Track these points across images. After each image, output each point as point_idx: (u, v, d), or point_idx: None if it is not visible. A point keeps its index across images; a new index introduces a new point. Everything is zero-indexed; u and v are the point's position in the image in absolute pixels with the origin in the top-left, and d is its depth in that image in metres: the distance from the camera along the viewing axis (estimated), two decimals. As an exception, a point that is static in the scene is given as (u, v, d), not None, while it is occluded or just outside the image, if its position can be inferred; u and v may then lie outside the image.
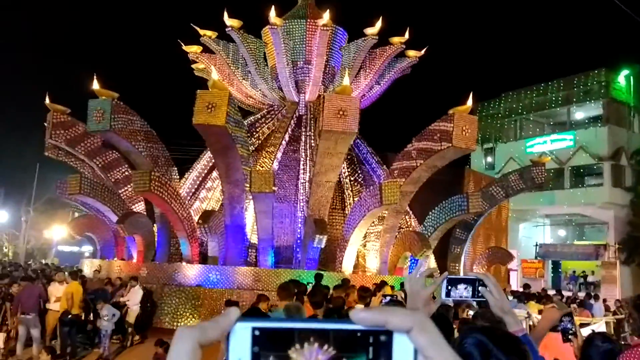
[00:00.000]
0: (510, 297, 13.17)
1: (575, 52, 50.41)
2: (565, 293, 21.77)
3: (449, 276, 2.36)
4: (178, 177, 17.55)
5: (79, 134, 16.38)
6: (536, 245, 31.27)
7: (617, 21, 53.96)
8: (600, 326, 11.97)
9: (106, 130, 14.24)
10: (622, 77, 30.62)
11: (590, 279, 28.88)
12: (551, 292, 20.14)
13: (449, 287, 2.30)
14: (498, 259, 21.38)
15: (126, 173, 17.04)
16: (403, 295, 9.77)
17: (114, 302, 12.41)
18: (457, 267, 19.00)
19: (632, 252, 26.32)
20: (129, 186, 16.42)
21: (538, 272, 29.80)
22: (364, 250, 17.16)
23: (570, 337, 6.23)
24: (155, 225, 16.75)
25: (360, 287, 9.48)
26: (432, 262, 18.23)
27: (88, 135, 16.29)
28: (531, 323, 9.59)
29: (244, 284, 14.02)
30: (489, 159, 34.25)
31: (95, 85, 14.47)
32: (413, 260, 16.59)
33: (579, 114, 31.94)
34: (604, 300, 18.30)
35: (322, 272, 12.77)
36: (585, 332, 10.46)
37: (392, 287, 12.05)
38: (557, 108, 31.86)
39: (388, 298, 8.48)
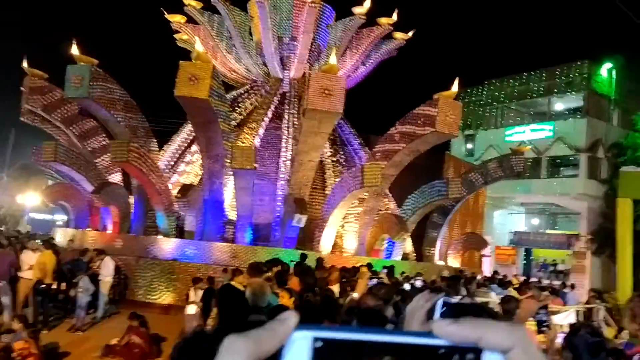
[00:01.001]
0: (494, 285, 13.34)
1: (559, 42, 50.68)
2: (536, 281, 22.18)
3: (444, 299, 2.32)
4: (157, 149, 17.26)
5: (56, 100, 15.96)
6: (511, 232, 31.73)
7: (601, 13, 54.36)
8: (569, 315, 12.23)
9: (84, 97, 13.88)
10: (605, 70, 30.91)
11: (560, 267, 29.48)
12: (523, 279, 20.49)
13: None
14: (473, 245, 21.63)
15: (103, 142, 16.72)
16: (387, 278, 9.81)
17: (90, 273, 12.21)
18: (432, 251, 19.19)
19: (603, 243, 26.84)
20: (105, 156, 16.11)
21: (511, 259, 30.32)
22: (343, 231, 17.17)
23: (544, 328, 6.33)
24: (131, 196, 16.50)
25: (342, 268, 9.48)
26: (408, 246, 18.38)
27: (65, 102, 15.88)
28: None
29: (220, 260, 13.92)
30: (469, 146, 34.46)
31: (75, 50, 14.05)
32: (390, 243, 16.68)
33: (559, 105, 32.22)
34: (572, 287, 18.69)
35: (306, 253, 12.73)
36: (556, 319, 10.66)
37: (370, 266, 12.02)
38: (539, 98, 32.09)
39: (375, 280, 8.48)
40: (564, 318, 11.29)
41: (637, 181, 16.92)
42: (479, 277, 16.58)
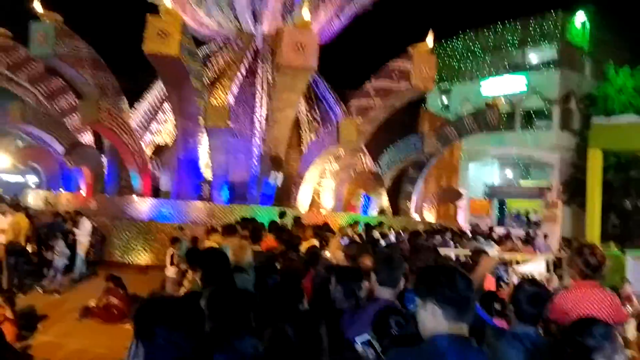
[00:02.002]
0: (482, 239, 13.61)
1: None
2: (512, 231, 22.70)
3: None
4: (128, 108, 16.89)
5: (21, 59, 15.42)
6: (485, 184, 32.22)
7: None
8: (540, 263, 12.58)
9: (49, 55, 13.40)
10: (578, 21, 30.87)
11: (533, 218, 30.17)
12: (500, 230, 20.98)
13: None
14: (448, 198, 21.98)
15: (72, 102, 16.27)
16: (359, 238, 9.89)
17: (67, 230, 12.07)
18: (408, 205, 19.43)
19: (574, 193, 27.42)
20: (74, 116, 15.71)
21: (485, 211, 30.89)
22: (319, 188, 17.22)
23: (502, 284, 6.55)
24: (104, 157, 16.23)
25: (315, 226, 9.53)
26: (385, 201, 18.56)
27: (30, 61, 15.35)
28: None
29: (197, 219, 13.88)
30: (445, 100, 34.48)
31: (37, 6, 13.48)
32: (366, 198, 16.82)
33: (533, 57, 32.23)
34: (545, 237, 19.22)
35: (285, 210, 12.75)
36: (526, 268, 10.94)
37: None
38: (513, 50, 32.04)
39: (346, 239, 8.54)
40: (534, 267, 11.60)
41: (607, 132, 17.15)
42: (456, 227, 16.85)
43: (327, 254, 6.95)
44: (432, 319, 2.10)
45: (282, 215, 11.89)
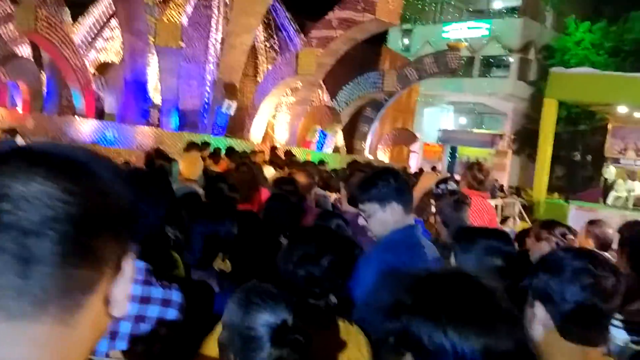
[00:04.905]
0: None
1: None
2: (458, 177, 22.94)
3: None
4: (71, 20, 15.60)
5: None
6: (439, 130, 32.38)
7: None
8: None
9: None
10: (545, -30, 30.54)
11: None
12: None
13: None
14: (402, 140, 21.87)
15: (8, 10, 14.85)
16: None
17: None
18: (363, 145, 19.21)
19: (524, 143, 27.93)
20: (10, 25, 14.37)
21: (437, 156, 31.18)
22: (273, 121, 16.68)
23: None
24: (43, 73, 15.06)
25: (273, 147, 9.11)
26: (339, 139, 18.24)
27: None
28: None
29: (144, 144, 13.14)
30: (406, 41, 33.90)
31: None
32: (322, 135, 16.44)
33: (497, 3, 31.90)
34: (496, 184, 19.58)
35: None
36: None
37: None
38: (478, -6, 31.60)
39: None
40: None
41: (565, 82, 17.17)
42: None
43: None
44: (393, 216, 2.39)
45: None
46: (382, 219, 2.39)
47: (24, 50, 15.41)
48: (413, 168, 22.92)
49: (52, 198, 0.58)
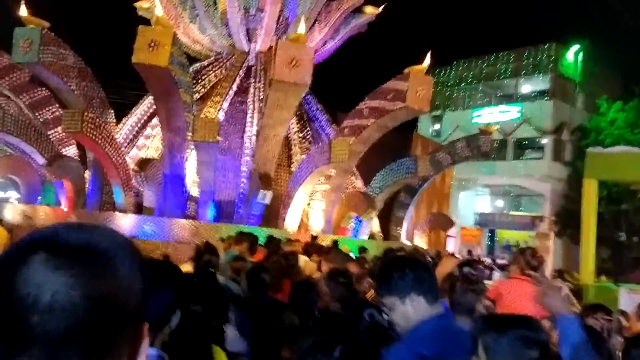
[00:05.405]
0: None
1: (527, 24, 50.86)
2: (500, 261, 22.35)
3: None
4: (115, 120, 16.42)
5: (4, 66, 14.92)
6: (475, 213, 31.94)
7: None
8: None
9: (34, 62, 12.94)
10: (571, 53, 31.11)
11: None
12: (488, 260, 20.56)
13: None
14: (439, 225, 21.56)
15: (57, 113, 15.76)
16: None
17: None
18: (399, 231, 18.97)
19: (565, 224, 27.23)
20: (59, 127, 15.18)
21: (475, 240, 30.53)
22: (308, 209, 16.74)
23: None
24: (87, 171, 15.67)
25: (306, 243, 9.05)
26: (375, 225, 18.10)
27: (14, 68, 14.87)
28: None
29: (181, 237, 13.30)
30: (437, 127, 34.42)
31: (24, 11, 13.06)
32: (357, 221, 16.35)
33: (526, 87, 32.37)
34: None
35: (273, 235, 12.23)
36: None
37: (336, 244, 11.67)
38: (506, 80, 32.17)
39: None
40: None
41: (602, 162, 16.94)
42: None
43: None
44: (415, 309, 2.23)
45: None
46: (404, 312, 2.24)
47: (71, 151, 16.16)
48: (451, 251, 22.41)
49: (77, 307, 0.61)
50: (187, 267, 7.46)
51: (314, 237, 12.72)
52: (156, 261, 2.83)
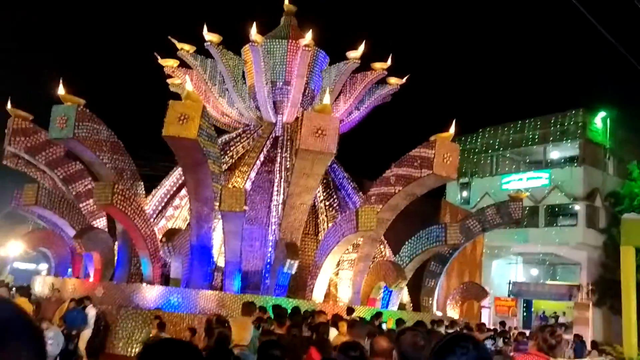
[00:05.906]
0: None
1: (554, 90, 51.27)
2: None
3: None
4: (144, 192, 16.68)
5: (40, 142, 15.48)
6: (509, 283, 30.91)
7: (596, 62, 55.29)
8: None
9: (69, 137, 13.39)
10: (599, 119, 30.96)
11: (561, 320, 28.52)
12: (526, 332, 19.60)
13: None
14: (472, 295, 20.84)
15: (89, 186, 16.12)
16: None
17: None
18: (430, 301, 18.39)
19: (604, 293, 26.12)
20: (90, 200, 15.47)
21: (511, 311, 29.35)
22: (336, 279, 16.42)
23: None
24: (116, 242, 15.79)
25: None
26: (405, 295, 17.59)
27: (50, 144, 15.41)
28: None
29: (206, 308, 13.09)
30: (465, 194, 34.09)
31: (61, 90, 13.67)
32: (387, 291, 15.92)
33: (554, 153, 32.10)
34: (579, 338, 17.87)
35: (298, 306, 12.02)
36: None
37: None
38: (534, 146, 32.00)
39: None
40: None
41: (639, 229, 16.39)
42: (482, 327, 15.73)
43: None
44: None
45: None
46: None
47: (100, 222, 16.37)
48: (487, 325, 21.51)
49: None
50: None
51: (351, 310, 12.32)
52: (177, 342, 2.71)
